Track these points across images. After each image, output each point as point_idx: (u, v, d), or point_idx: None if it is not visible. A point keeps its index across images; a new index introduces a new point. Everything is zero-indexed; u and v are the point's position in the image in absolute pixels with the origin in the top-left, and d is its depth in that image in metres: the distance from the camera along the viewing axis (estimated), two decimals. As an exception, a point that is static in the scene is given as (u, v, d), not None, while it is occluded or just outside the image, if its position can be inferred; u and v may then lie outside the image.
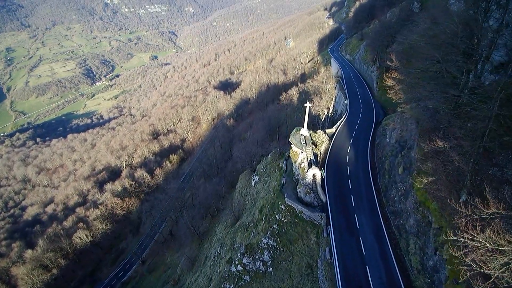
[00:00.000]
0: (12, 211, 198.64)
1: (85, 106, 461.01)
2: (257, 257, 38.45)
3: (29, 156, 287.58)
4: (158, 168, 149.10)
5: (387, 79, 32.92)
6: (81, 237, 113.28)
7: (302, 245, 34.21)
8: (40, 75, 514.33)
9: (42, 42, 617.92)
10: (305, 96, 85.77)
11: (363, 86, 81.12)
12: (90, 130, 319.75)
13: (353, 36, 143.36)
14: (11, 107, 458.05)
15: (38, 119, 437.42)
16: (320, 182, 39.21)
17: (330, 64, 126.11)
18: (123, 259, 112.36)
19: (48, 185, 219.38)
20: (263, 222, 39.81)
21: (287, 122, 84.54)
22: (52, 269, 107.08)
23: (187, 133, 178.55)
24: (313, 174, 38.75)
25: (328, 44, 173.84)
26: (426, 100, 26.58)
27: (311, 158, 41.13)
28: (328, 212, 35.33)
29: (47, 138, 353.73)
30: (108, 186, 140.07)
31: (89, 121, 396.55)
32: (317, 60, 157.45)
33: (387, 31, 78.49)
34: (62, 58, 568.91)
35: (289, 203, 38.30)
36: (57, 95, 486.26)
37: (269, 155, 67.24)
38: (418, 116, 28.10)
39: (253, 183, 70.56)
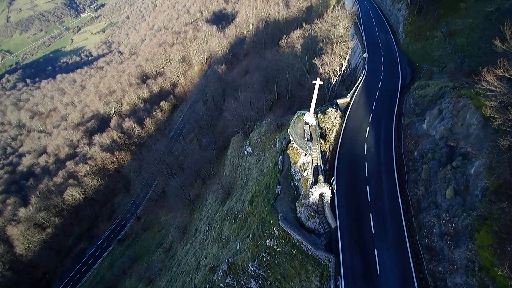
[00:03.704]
0: (10, 158, 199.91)
1: (72, 42, 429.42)
2: (242, 282, 30.22)
3: (21, 99, 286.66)
4: (148, 117, 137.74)
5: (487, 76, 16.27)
6: (73, 194, 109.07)
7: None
8: (20, 9, 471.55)
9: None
10: (310, 42, 68.51)
11: (385, 29, 63.10)
12: (78, 70, 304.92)
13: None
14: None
15: (26, 58, 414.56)
16: (329, 202, 27.86)
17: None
18: (119, 214, 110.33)
19: (43, 130, 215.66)
20: (250, 239, 30.29)
21: (287, 74, 69.57)
22: (47, 227, 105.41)
23: (177, 76, 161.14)
24: (320, 193, 27.63)
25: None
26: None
27: (318, 163, 29.12)
28: (339, 248, 25.27)
29: (37, 79, 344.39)
30: (97, 139, 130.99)
31: (78, 58, 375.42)
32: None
33: None
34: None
35: (285, 228, 27.78)
36: (41, 30, 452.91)
37: (263, 123, 55.39)
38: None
39: (245, 153, 60.73)
